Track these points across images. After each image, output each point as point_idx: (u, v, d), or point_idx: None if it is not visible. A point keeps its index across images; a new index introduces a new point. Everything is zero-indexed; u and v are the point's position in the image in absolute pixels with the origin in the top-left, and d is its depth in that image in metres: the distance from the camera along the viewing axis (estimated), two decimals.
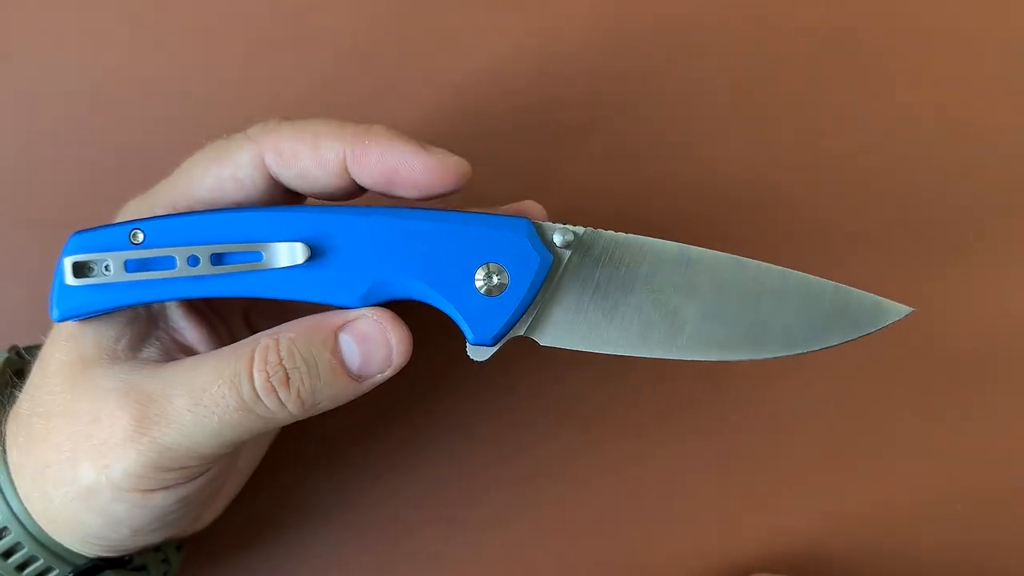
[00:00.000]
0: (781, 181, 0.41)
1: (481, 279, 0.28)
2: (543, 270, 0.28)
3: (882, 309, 0.29)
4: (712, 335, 0.29)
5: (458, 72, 0.40)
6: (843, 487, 0.40)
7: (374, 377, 0.29)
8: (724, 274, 0.29)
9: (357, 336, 0.28)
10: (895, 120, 0.42)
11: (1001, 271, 0.41)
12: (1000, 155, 0.42)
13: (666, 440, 0.40)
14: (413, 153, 0.28)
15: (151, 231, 0.28)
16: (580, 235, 0.29)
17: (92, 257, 0.27)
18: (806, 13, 0.42)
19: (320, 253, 0.28)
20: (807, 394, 0.40)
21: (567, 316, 0.29)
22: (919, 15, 0.42)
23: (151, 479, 0.28)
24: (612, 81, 0.41)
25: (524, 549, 0.39)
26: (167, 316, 0.31)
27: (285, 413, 0.28)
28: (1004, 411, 0.41)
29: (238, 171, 0.29)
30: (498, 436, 0.40)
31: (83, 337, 0.29)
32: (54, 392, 0.29)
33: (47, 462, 0.28)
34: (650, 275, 0.29)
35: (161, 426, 0.27)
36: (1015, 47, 0.42)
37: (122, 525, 0.29)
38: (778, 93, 0.41)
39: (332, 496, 0.39)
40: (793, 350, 0.29)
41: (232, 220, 0.28)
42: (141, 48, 0.40)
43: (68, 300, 0.28)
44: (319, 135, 0.28)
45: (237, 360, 0.28)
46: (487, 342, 0.29)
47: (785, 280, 0.29)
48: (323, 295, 0.28)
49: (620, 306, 0.29)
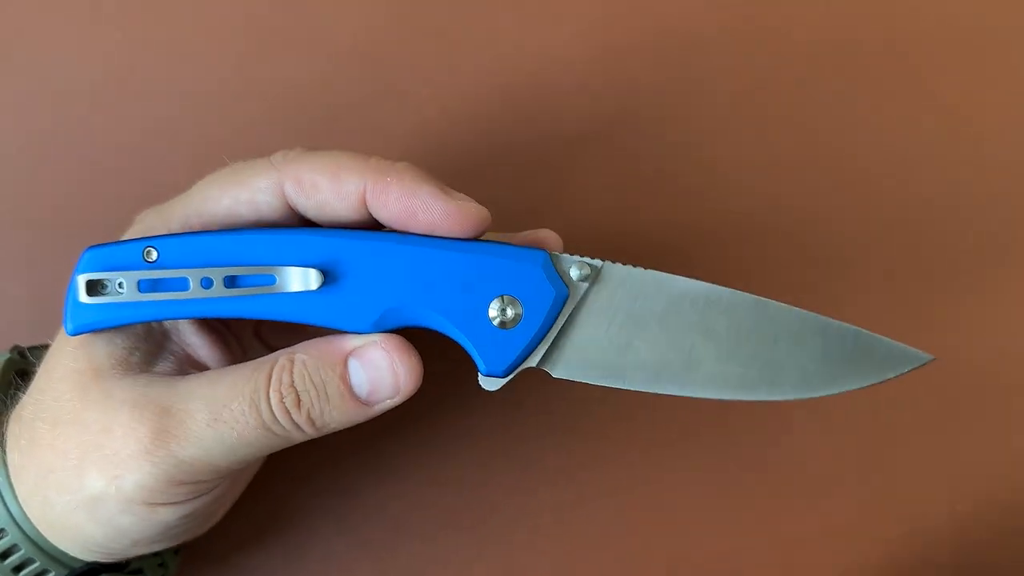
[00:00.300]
0: (782, 188, 0.41)
1: (495, 311, 0.28)
2: (558, 303, 0.28)
3: (902, 356, 0.29)
4: (727, 374, 0.29)
5: (458, 73, 0.40)
6: (848, 503, 0.40)
7: (384, 403, 0.29)
8: (741, 313, 0.29)
9: (365, 363, 0.28)
10: (897, 127, 0.41)
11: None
12: (1004, 161, 0.41)
13: (670, 454, 0.40)
14: (433, 196, 0.28)
15: (165, 249, 0.28)
16: (598, 268, 0.29)
17: (106, 276, 0.27)
18: (808, 23, 0.41)
19: (333, 278, 0.28)
20: (815, 410, 0.40)
21: (581, 350, 0.29)
22: (921, 23, 0.41)
23: (163, 493, 0.28)
24: (614, 86, 0.40)
25: (525, 558, 0.39)
26: (180, 331, 0.31)
27: (299, 433, 0.28)
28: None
29: (256, 195, 0.29)
30: (501, 445, 0.40)
31: (94, 347, 0.29)
32: (61, 399, 0.29)
33: (51, 467, 0.28)
34: (666, 312, 0.29)
35: (180, 440, 0.27)
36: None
37: (124, 536, 0.29)
38: (779, 102, 0.41)
39: (332, 500, 0.39)
40: (809, 393, 0.29)
41: (246, 241, 0.28)
42: (141, 48, 0.39)
43: (82, 316, 0.28)
44: (341, 168, 0.28)
45: (257, 378, 0.28)
46: (499, 374, 0.28)
47: (803, 322, 0.29)
48: (335, 320, 0.28)
49: (635, 342, 0.29)
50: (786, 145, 0.41)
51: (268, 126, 0.38)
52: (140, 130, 0.39)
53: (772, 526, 0.40)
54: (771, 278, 0.40)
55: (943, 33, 0.42)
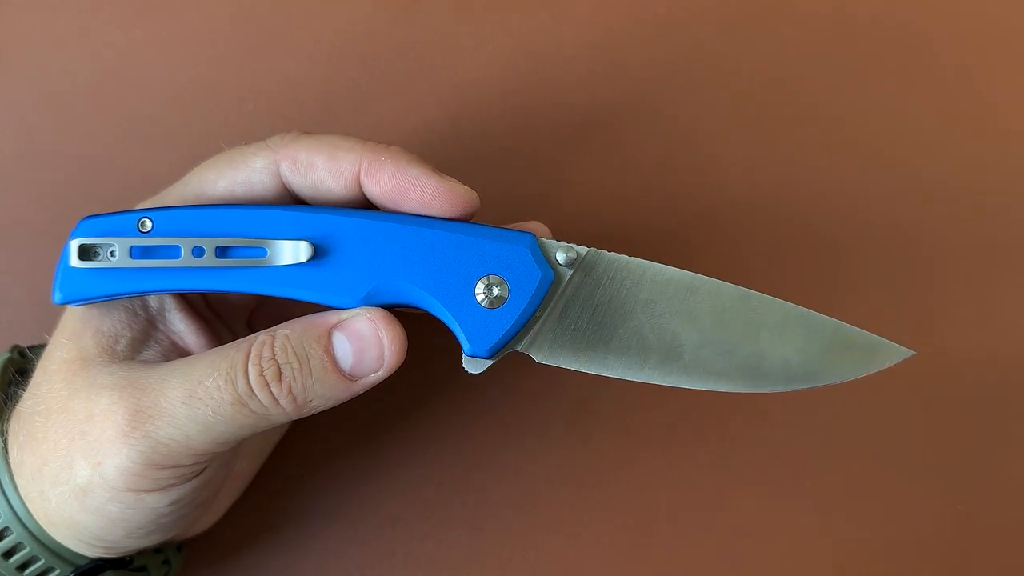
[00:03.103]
0: (782, 184, 0.41)
1: (481, 291, 0.28)
2: (544, 286, 0.28)
3: (883, 350, 0.29)
4: (710, 364, 0.29)
5: (458, 72, 0.41)
6: (852, 505, 0.40)
7: (367, 377, 0.28)
8: (725, 303, 0.29)
9: (350, 334, 0.28)
10: (898, 123, 0.42)
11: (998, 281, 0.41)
12: (1004, 157, 0.42)
13: (667, 445, 0.39)
14: (425, 175, 0.28)
15: (160, 220, 0.28)
16: (583, 255, 0.29)
17: (99, 241, 0.28)
18: (809, 16, 0.42)
19: (323, 253, 0.28)
20: (814, 403, 0.40)
21: (565, 335, 0.29)
22: (924, 18, 0.42)
23: (144, 477, 0.27)
24: (612, 81, 0.41)
25: (523, 552, 0.39)
26: (167, 319, 0.31)
27: (278, 409, 0.28)
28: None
29: (251, 175, 0.29)
30: (499, 441, 0.39)
31: (84, 336, 0.29)
32: (54, 390, 0.29)
33: (45, 460, 0.28)
34: (651, 300, 0.29)
35: (154, 419, 0.27)
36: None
37: (116, 526, 0.29)
38: (780, 96, 0.42)
39: (332, 498, 0.39)
40: (790, 386, 0.29)
41: (239, 215, 0.28)
42: (140, 48, 0.40)
43: (71, 283, 0.28)
44: (337, 147, 0.29)
45: (234, 355, 0.28)
46: (483, 354, 0.29)
47: (786, 314, 0.29)
48: (324, 295, 0.28)
49: (619, 329, 0.29)
50: (785, 137, 0.41)
51: (268, 125, 0.39)
52: (140, 129, 0.40)
53: (772, 511, 0.39)
54: (770, 269, 0.40)
55: (947, 26, 0.42)
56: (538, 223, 0.31)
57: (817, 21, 0.42)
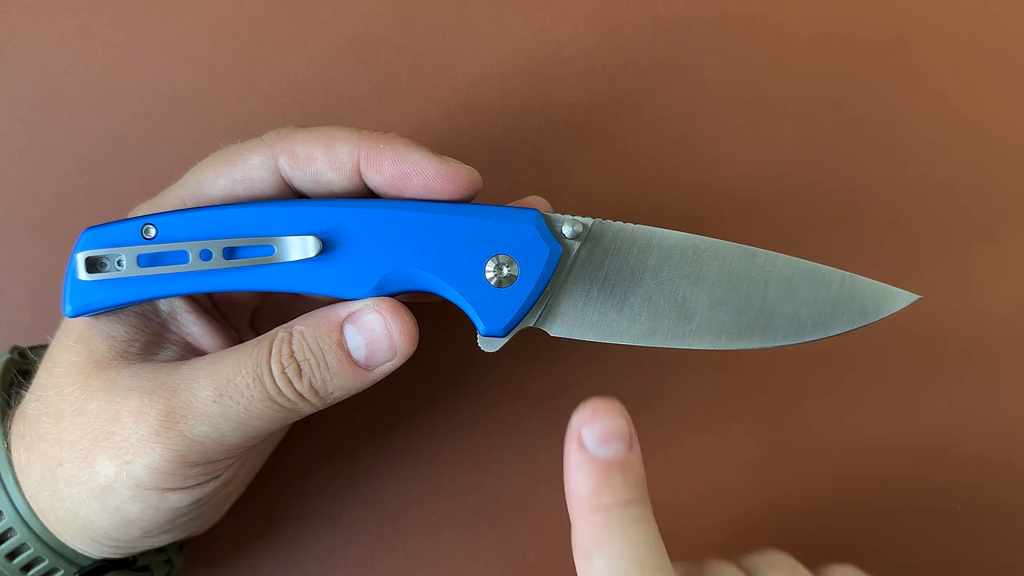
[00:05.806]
0: (782, 178, 0.41)
1: (491, 270, 0.28)
2: (553, 261, 0.29)
3: (889, 296, 0.30)
4: (721, 323, 0.29)
5: (458, 72, 0.40)
6: (844, 457, 0.40)
7: (383, 366, 0.29)
8: (732, 262, 0.29)
9: (360, 328, 0.28)
10: (895, 117, 0.42)
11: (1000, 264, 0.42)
12: (1001, 151, 0.42)
13: (667, 445, 0.40)
14: (426, 159, 0.28)
15: (163, 226, 0.28)
16: (589, 226, 0.29)
17: (104, 252, 0.28)
18: (805, 13, 0.42)
19: (331, 246, 0.28)
20: (810, 376, 0.41)
21: (577, 307, 0.29)
22: (920, 14, 0.42)
23: (174, 475, 0.28)
24: (613, 80, 0.41)
25: (523, 552, 0.39)
26: (178, 321, 0.31)
27: (304, 403, 0.28)
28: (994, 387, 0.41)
29: (251, 172, 0.29)
30: (499, 440, 0.40)
31: (93, 340, 0.29)
32: (64, 392, 0.29)
33: (60, 460, 0.28)
34: (659, 265, 0.29)
35: (188, 419, 0.27)
36: (1017, 47, 0.43)
37: (133, 526, 0.29)
38: (779, 91, 0.42)
39: (333, 498, 0.39)
40: (801, 338, 0.30)
41: (244, 214, 0.28)
42: (141, 48, 0.40)
43: (81, 296, 0.28)
44: (334, 139, 0.29)
45: (258, 352, 0.28)
46: (498, 333, 0.29)
47: (792, 268, 0.30)
48: (334, 288, 0.28)
49: (629, 296, 0.29)
50: (784, 136, 0.41)
51: (268, 125, 0.38)
52: (140, 129, 0.39)
53: (773, 496, 0.40)
54: None
55: (944, 23, 0.43)
56: (539, 198, 0.31)
57: (816, 21, 0.42)
